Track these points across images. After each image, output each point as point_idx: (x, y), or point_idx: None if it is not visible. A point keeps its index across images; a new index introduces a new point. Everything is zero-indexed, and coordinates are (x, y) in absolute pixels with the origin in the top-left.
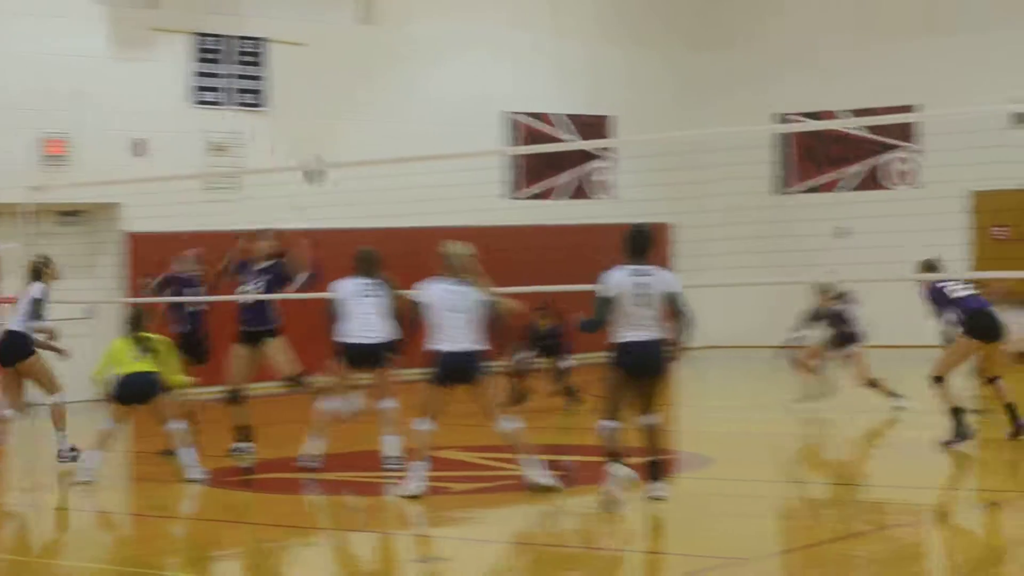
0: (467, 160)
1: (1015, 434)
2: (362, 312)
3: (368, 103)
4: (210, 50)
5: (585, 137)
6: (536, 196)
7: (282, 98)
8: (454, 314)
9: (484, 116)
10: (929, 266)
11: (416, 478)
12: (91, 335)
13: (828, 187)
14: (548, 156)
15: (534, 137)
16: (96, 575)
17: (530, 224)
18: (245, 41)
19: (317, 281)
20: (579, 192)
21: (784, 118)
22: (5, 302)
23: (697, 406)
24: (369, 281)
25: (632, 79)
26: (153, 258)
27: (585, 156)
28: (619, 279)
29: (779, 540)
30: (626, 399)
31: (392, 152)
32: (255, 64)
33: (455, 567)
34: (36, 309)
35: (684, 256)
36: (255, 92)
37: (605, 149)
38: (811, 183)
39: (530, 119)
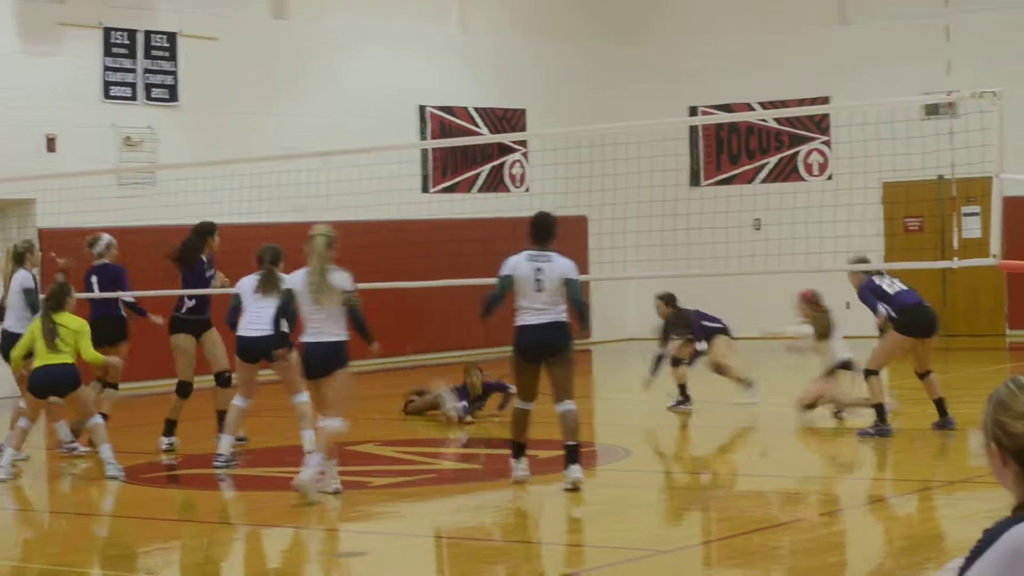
0: (382, 154)
1: (941, 426)
2: (256, 307)
3: (282, 98)
4: (120, 44)
5: (499, 131)
6: (450, 190)
7: (195, 93)
8: (313, 304)
9: (398, 110)
10: (861, 261)
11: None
12: None
13: (744, 179)
14: (463, 150)
15: (448, 131)
16: (12, 574)
17: (445, 218)
18: (156, 35)
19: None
20: (493, 186)
21: (698, 111)
22: None
23: (614, 399)
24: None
25: (545, 73)
26: (66, 254)
27: (500, 150)
28: (517, 262)
29: (698, 531)
30: (531, 381)
31: (307, 147)
32: (167, 59)
33: (373, 561)
34: (31, 301)
35: (598, 248)
36: (167, 87)
37: (519, 142)
38: (726, 175)
39: (444, 113)
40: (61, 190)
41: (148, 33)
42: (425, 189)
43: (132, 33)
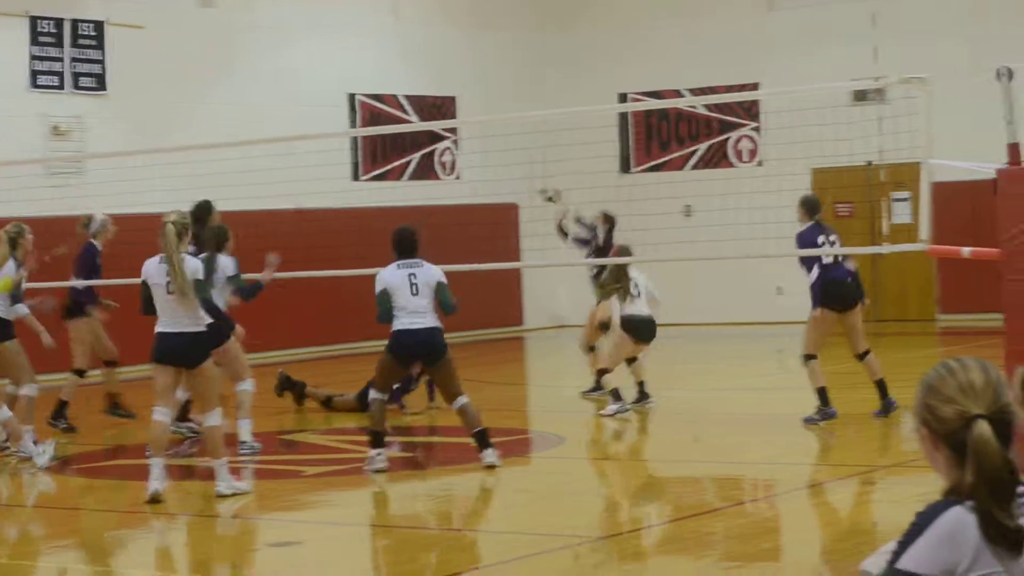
0: (312, 142)
1: (885, 409)
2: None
3: (211, 85)
4: (47, 33)
5: (430, 118)
6: (381, 178)
7: (123, 81)
8: (164, 293)
9: (328, 98)
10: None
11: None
12: None
13: (675, 165)
14: (393, 138)
15: (378, 118)
16: None
17: (374, 206)
18: (83, 24)
19: None
20: (424, 174)
21: (628, 98)
22: None
23: (547, 385)
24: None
25: (476, 61)
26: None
27: (430, 137)
28: (390, 274)
29: (633, 518)
30: (396, 379)
31: (236, 135)
32: (94, 47)
33: (307, 551)
34: (16, 289)
35: (530, 236)
36: (95, 76)
37: (450, 130)
38: (657, 162)
39: (374, 100)
40: None
41: (75, 22)
42: (355, 177)
43: (59, 22)
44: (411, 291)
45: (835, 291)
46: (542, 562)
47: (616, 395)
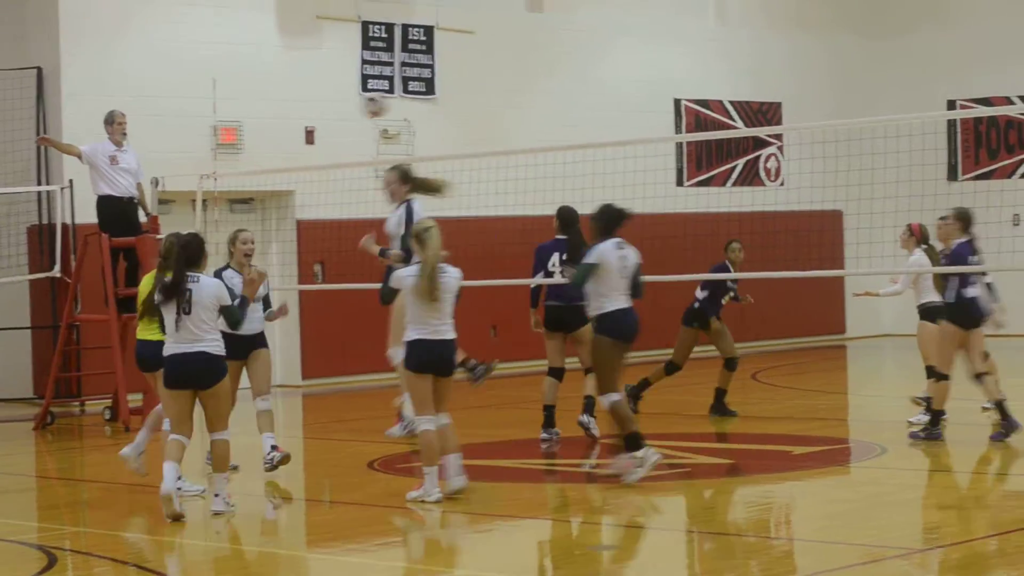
0: (637, 147)
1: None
2: None
3: (537, 90)
4: (378, 38)
5: (755, 124)
6: (705, 183)
7: (451, 86)
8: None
9: (653, 103)
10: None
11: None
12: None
13: (1003, 173)
14: (718, 143)
15: (703, 124)
16: None
17: (699, 211)
18: (413, 29)
19: None
20: (748, 179)
21: (955, 105)
22: None
23: (869, 395)
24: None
25: (800, 66)
26: (323, 245)
27: (755, 143)
28: (607, 252)
29: (953, 531)
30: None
31: (561, 139)
32: (424, 52)
33: (626, 555)
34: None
35: (855, 243)
36: (424, 80)
37: (775, 136)
38: (985, 170)
39: (699, 106)
40: (319, 182)
41: (406, 27)
42: (680, 183)
43: (390, 27)
44: (620, 273)
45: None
46: (858, 573)
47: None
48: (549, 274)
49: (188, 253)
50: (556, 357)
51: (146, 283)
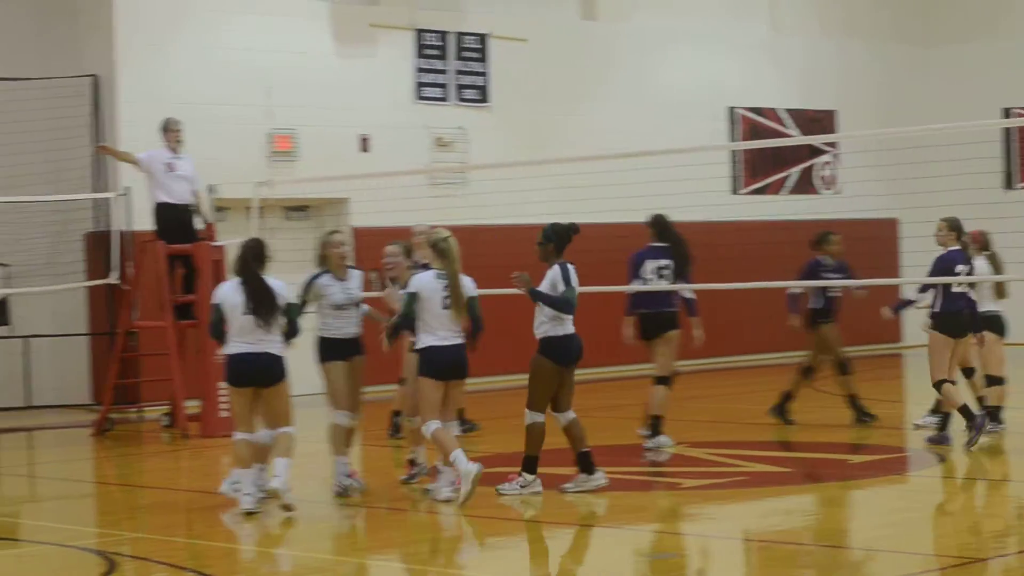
0: (691, 155)
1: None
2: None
3: (590, 98)
4: (432, 46)
5: (809, 132)
6: (760, 191)
7: (505, 93)
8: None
9: (707, 111)
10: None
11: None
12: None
13: None
14: (772, 151)
15: (758, 132)
16: None
17: (754, 220)
18: (467, 37)
19: None
20: (803, 188)
21: (1009, 113)
22: None
23: (925, 404)
24: None
25: (853, 74)
26: (378, 253)
27: (810, 151)
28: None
29: (1010, 541)
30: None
31: (614, 147)
32: (478, 60)
33: (684, 563)
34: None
35: (911, 252)
36: (478, 88)
37: (830, 144)
38: None
39: (753, 114)
40: (374, 189)
41: (460, 35)
42: (734, 191)
43: (444, 35)
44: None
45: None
46: None
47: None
48: (643, 282)
49: (253, 255)
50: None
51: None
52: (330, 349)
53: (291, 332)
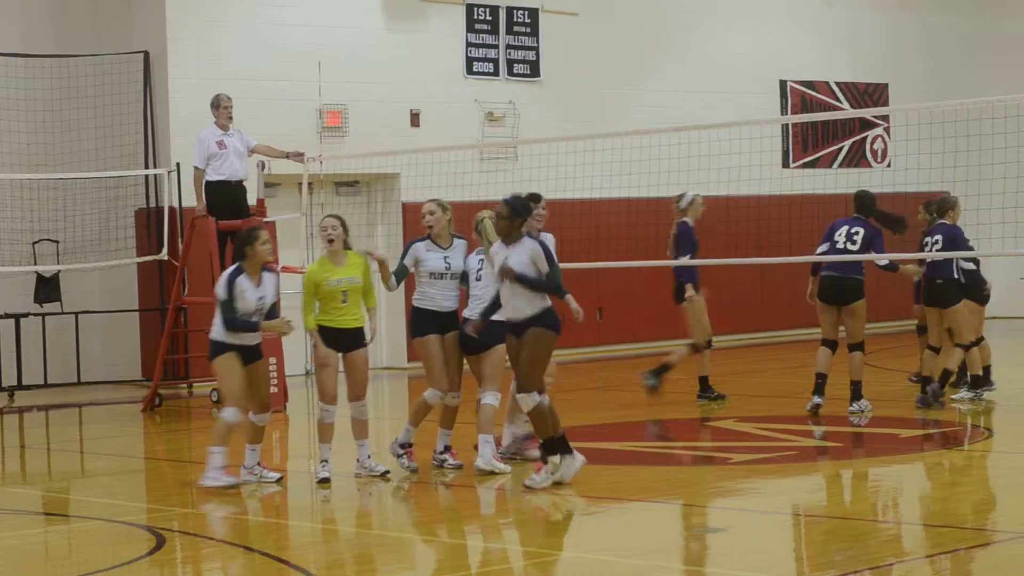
0: (742, 129)
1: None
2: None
3: (642, 72)
4: (483, 20)
5: (861, 105)
6: (811, 165)
7: (555, 68)
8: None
9: (759, 84)
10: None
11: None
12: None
13: None
14: (824, 125)
15: (809, 105)
16: None
17: (805, 193)
18: (517, 11)
19: None
20: (855, 161)
21: None
22: (289, 271)
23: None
24: None
25: (906, 45)
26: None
27: (861, 125)
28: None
29: None
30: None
31: (666, 121)
32: (528, 34)
33: (734, 537)
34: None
35: (963, 224)
36: (529, 62)
37: (882, 117)
38: None
39: (805, 88)
40: (424, 164)
41: (511, 9)
42: (785, 164)
43: (495, 9)
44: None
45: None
46: (969, 557)
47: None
48: (836, 248)
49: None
50: (829, 329)
51: (315, 270)
52: (426, 321)
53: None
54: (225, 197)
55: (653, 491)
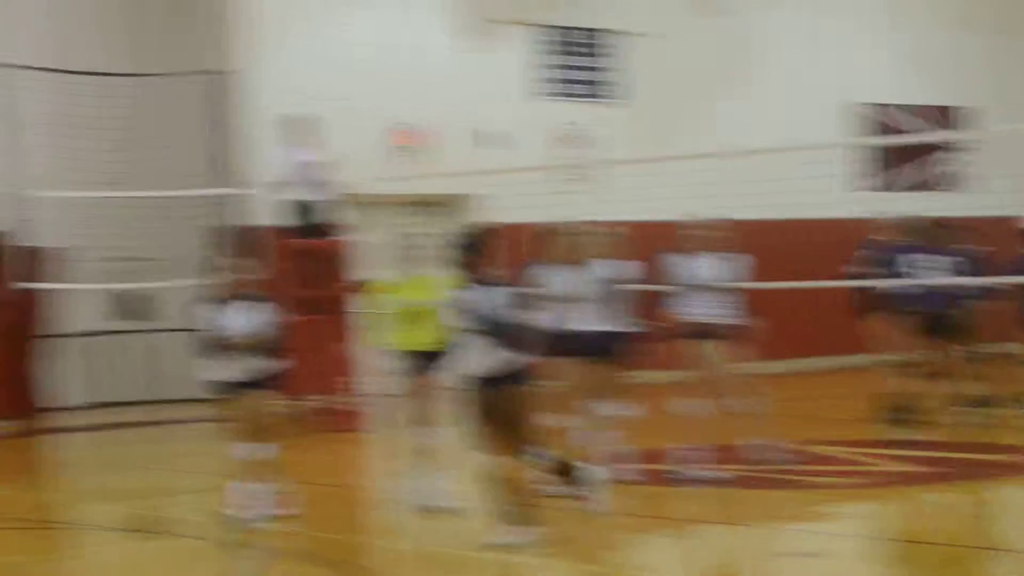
0: (811, 152)
1: None
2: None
3: (719, 93)
4: (555, 42)
5: (930, 128)
6: (879, 189)
7: (628, 90)
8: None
9: (831, 106)
10: None
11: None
12: None
13: None
14: (899, 148)
15: (879, 128)
16: None
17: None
18: (588, 33)
19: None
20: (925, 185)
21: None
22: None
23: None
24: None
25: (975, 69)
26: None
27: (931, 148)
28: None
29: None
30: None
31: (744, 142)
32: (600, 56)
33: (826, 562)
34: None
35: None
36: (601, 84)
37: (954, 141)
38: None
39: (876, 110)
40: (501, 186)
41: (577, 29)
42: (855, 188)
43: (567, 30)
44: None
45: None
46: None
47: None
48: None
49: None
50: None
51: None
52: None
53: None
54: (300, 216)
55: (741, 515)
